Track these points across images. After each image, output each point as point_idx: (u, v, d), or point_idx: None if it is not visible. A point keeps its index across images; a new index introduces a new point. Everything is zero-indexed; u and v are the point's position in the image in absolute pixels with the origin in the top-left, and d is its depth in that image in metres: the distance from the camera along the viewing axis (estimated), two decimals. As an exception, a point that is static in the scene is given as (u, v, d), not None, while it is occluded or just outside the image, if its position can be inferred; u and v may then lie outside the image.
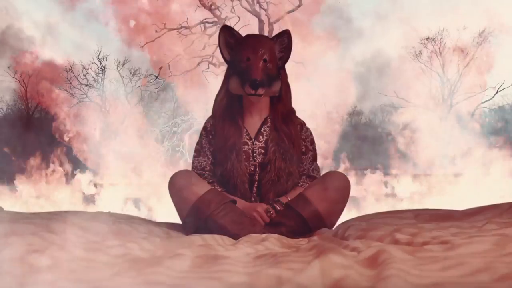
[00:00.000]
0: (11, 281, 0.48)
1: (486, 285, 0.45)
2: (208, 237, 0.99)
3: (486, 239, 0.81)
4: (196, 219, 1.39)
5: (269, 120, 1.65)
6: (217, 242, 0.94)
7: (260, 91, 1.53)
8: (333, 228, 1.41)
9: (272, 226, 1.43)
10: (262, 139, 1.61)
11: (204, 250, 0.74)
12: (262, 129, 1.63)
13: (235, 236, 1.26)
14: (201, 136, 1.69)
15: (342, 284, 0.42)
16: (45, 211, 1.45)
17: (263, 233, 1.30)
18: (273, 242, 0.93)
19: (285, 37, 1.68)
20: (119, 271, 0.53)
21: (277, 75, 1.62)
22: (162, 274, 0.52)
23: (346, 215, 1.57)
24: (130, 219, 1.44)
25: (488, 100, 7.96)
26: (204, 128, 1.69)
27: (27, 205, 5.90)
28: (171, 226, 1.48)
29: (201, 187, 1.42)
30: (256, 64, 1.55)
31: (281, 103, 1.66)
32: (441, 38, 7.61)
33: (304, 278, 0.43)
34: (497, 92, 7.92)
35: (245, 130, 1.63)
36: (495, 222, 1.11)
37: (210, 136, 1.65)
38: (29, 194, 6.14)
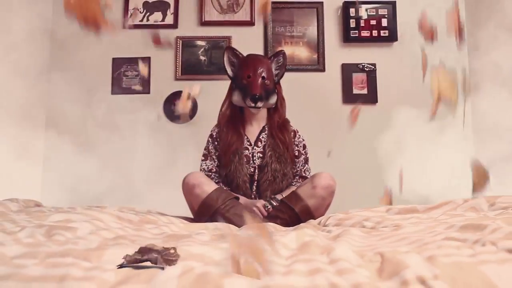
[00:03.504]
0: (98, 243, 0.75)
1: (397, 246, 0.71)
2: (218, 224, 1.25)
3: (429, 224, 1.07)
4: (205, 213, 1.60)
5: (266, 128, 1.89)
6: (225, 227, 1.20)
7: (259, 104, 1.79)
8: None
9: (269, 219, 1.65)
10: (260, 145, 1.86)
11: (217, 231, 1.01)
12: (261, 136, 1.88)
13: (238, 227, 1.50)
14: (207, 142, 1.93)
15: (307, 244, 0.68)
16: (77, 205, 1.70)
17: (261, 223, 1.55)
18: (269, 228, 1.19)
19: (280, 56, 1.93)
20: (164, 241, 0.80)
21: (273, 90, 1.87)
22: (193, 242, 0.78)
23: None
24: (148, 212, 1.70)
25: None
26: (210, 135, 1.94)
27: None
28: (184, 218, 1.73)
29: (210, 186, 1.64)
30: (255, 81, 1.79)
31: (277, 113, 1.91)
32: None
33: (285, 239, 0.69)
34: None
35: (246, 137, 1.87)
36: (449, 214, 1.35)
37: (216, 143, 1.90)
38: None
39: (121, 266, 0.60)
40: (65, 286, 0.52)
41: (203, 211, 1.62)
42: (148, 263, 0.61)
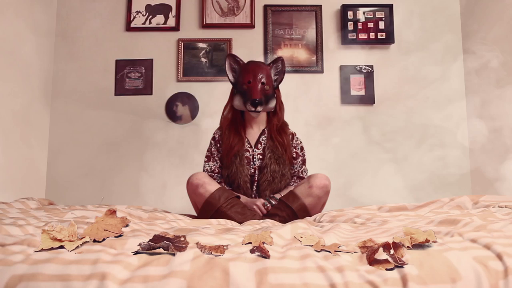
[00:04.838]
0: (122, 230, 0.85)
1: (379, 237, 0.82)
2: (221, 220, 1.36)
3: (412, 220, 1.18)
4: (208, 211, 1.70)
5: (266, 131, 1.99)
6: (227, 223, 1.31)
7: (259, 108, 1.88)
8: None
9: (268, 216, 1.75)
10: (260, 147, 1.96)
11: (221, 226, 1.11)
12: (260, 138, 1.98)
13: (239, 224, 1.60)
14: (210, 144, 2.03)
15: (301, 235, 0.79)
16: (88, 204, 1.80)
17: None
18: (267, 224, 1.30)
19: (279, 62, 2.02)
20: (175, 233, 0.91)
21: (273, 94, 1.96)
22: (201, 234, 0.89)
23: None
24: (155, 210, 1.81)
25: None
26: (213, 138, 2.04)
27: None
28: (188, 216, 1.84)
29: (213, 186, 1.74)
30: (255, 86, 1.89)
31: (276, 117, 2.00)
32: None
33: (280, 231, 0.80)
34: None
35: (246, 139, 1.96)
36: (435, 212, 1.46)
37: (218, 145, 2.00)
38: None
39: (136, 252, 0.70)
40: (98, 268, 0.63)
41: (206, 209, 1.72)
42: (160, 250, 0.71)
